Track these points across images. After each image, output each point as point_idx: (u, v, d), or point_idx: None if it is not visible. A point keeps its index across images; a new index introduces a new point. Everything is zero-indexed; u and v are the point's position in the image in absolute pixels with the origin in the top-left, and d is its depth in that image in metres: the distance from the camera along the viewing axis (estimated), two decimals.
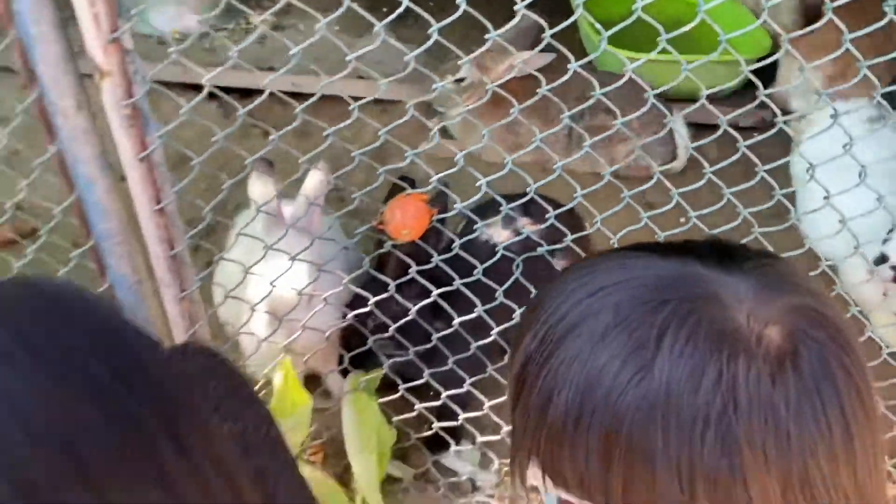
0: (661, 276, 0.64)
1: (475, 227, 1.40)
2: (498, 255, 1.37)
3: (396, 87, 1.75)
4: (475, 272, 1.33)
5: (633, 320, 0.61)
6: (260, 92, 1.29)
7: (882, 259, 1.86)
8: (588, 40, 2.62)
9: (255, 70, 1.65)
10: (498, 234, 1.76)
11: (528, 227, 1.70)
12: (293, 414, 1.37)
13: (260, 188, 1.46)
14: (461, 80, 2.42)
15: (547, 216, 1.40)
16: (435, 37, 1.10)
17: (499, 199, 1.35)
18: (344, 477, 1.64)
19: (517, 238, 1.69)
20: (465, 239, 1.38)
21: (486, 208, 1.69)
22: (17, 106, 1.13)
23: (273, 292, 1.41)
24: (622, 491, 0.61)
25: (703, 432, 0.57)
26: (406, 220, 1.33)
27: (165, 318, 1.34)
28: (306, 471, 1.59)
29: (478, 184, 1.29)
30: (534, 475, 0.71)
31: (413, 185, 1.52)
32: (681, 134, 2.45)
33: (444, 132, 2.60)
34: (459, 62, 2.28)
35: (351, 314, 1.47)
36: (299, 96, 1.39)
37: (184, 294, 1.30)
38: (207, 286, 1.55)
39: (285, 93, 1.36)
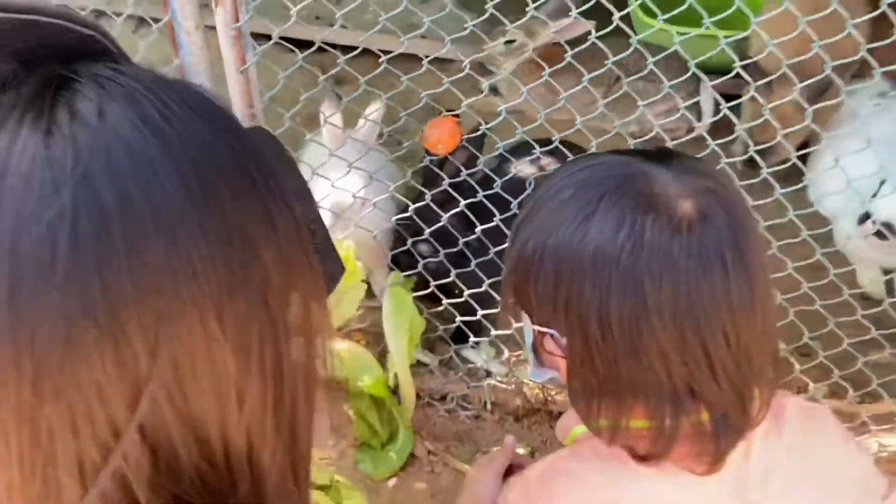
0: (610, 163, 0.93)
1: (497, 146, 1.71)
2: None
3: (452, 47, 2.02)
4: (495, 185, 1.65)
5: (584, 191, 0.88)
6: (338, 46, 1.60)
7: (866, 216, 2.07)
8: (634, 13, 2.87)
9: (308, 26, 1.94)
10: (525, 170, 2.07)
11: (550, 165, 2.00)
12: (345, 287, 1.68)
13: (328, 111, 1.80)
14: (511, 41, 2.71)
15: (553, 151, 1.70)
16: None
17: (530, 140, 1.65)
18: (381, 359, 1.98)
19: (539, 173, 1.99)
20: (490, 156, 1.69)
21: (518, 150, 2.00)
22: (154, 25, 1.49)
23: (333, 194, 1.76)
24: (565, 305, 0.87)
25: (618, 262, 0.82)
26: (441, 135, 1.65)
27: None
28: (353, 347, 1.93)
29: (517, 132, 1.59)
30: (516, 315, 1.01)
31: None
32: (707, 101, 2.69)
33: (495, 90, 2.89)
34: (508, 27, 2.56)
35: (395, 217, 1.80)
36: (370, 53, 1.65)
37: None
38: None
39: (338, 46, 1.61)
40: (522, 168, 2.05)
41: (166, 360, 0.48)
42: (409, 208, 1.76)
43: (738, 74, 1.49)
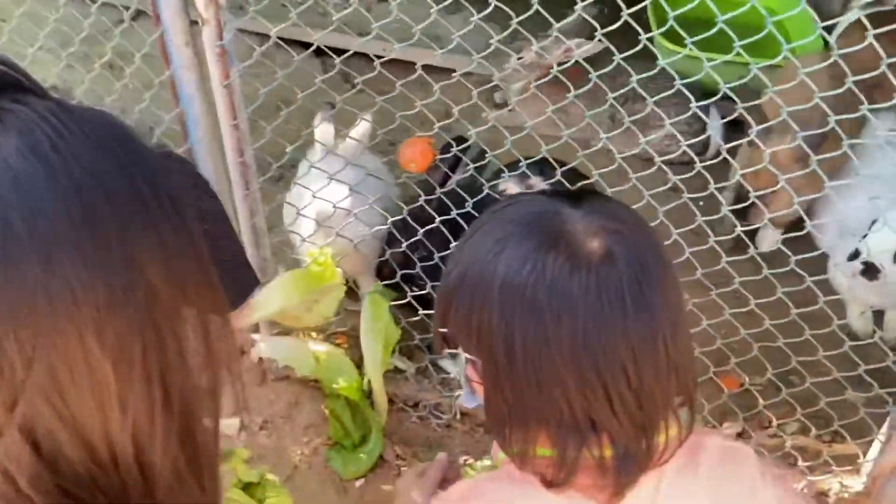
0: (529, 201, 0.97)
1: (467, 167, 1.77)
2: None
3: (464, 60, 2.04)
4: (467, 205, 1.71)
5: (501, 227, 0.92)
6: (358, 53, 1.67)
7: (856, 254, 2.06)
8: (656, 37, 2.88)
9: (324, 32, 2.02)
10: (513, 187, 2.11)
11: (538, 183, 2.05)
12: (324, 287, 1.74)
13: (320, 124, 1.88)
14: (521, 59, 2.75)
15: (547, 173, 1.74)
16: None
17: (501, 166, 1.70)
18: (360, 363, 2.05)
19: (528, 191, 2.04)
20: (461, 175, 1.75)
21: (511, 167, 2.05)
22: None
23: (317, 204, 1.84)
24: (477, 333, 0.90)
25: (522, 296, 0.86)
26: (414, 155, 1.71)
27: (234, 208, 1.79)
28: (331, 350, 2.01)
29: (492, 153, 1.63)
30: (442, 344, 1.06)
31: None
32: (714, 126, 2.69)
33: (507, 105, 2.94)
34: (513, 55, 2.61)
35: (375, 228, 1.88)
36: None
37: (247, 193, 1.75)
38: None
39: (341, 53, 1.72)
40: (510, 186, 2.10)
41: (43, 370, 0.52)
42: (388, 221, 1.83)
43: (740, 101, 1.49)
